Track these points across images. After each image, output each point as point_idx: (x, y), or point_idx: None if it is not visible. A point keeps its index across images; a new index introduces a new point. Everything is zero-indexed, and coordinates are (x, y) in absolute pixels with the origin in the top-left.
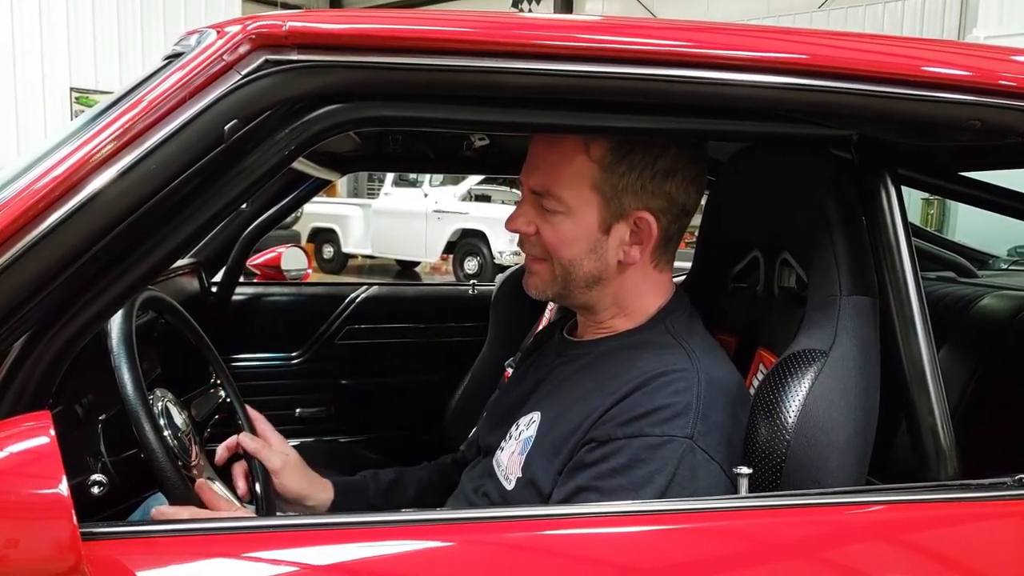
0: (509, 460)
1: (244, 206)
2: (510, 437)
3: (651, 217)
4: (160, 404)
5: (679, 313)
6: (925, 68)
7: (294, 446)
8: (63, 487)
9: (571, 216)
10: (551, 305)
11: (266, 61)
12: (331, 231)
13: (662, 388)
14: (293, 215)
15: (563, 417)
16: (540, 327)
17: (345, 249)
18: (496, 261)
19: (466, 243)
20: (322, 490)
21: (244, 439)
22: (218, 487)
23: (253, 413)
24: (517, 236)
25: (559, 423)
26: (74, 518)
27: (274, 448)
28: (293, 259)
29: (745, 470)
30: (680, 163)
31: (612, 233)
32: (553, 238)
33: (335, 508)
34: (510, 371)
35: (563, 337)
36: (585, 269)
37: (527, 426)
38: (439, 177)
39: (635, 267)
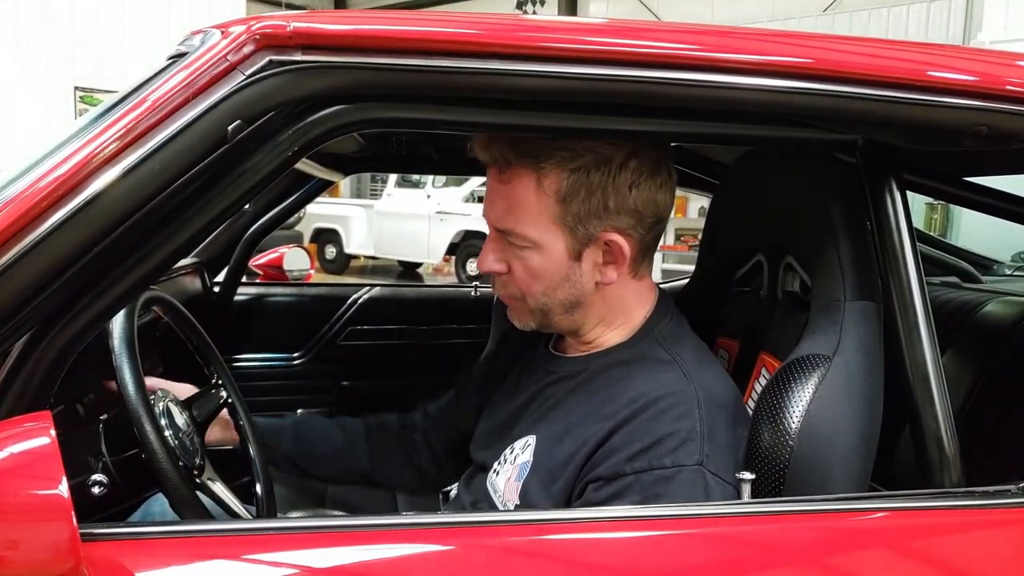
0: (506, 486)
1: (247, 206)
2: (504, 460)
3: (620, 237)
4: (161, 404)
5: (667, 320)
6: (931, 73)
7: None
8: (63, 488)
9: (539, 250)
10: None
11: (270, 62)
12: (334, 232)
13: (663, 415)
14: (296, 216)
15: (559, 443)
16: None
17: (347, 250)
18: None
19: (468, 245)
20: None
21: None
22: (219, 488)
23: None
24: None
25: (555, 449)
26: (74, 519)
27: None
28: (295, 260)
29: (748, 476)
30: (641, 175)
31: (584, 259)
32: (524, 274)
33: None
34: None
35: (548, 352)
36: (560, 298)
37: (522, 450)
38: (442, 178)
39: (616, 285)
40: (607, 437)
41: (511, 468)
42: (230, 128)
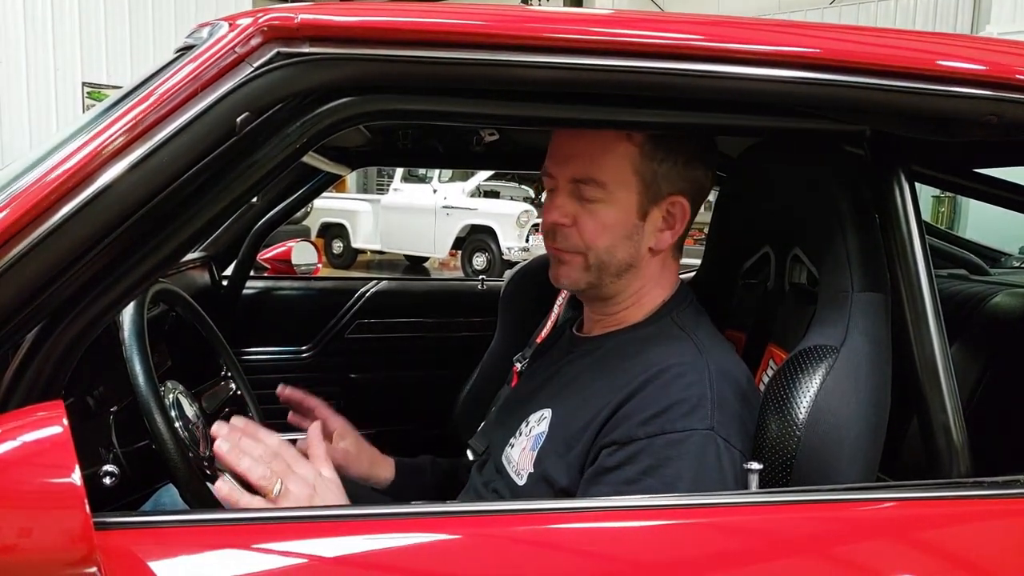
0: (520, 456)
1: (255, 200)
2: (520, 434)
3: (685, 201)
4: (171, 396)
5: (685, 306)
6: (940, 62)
7: (301, 439)
8: (76, 476)
9: (611, 203)
10: (560, 301)
11: (278, 54)
12: (341, 226)
13: (674, 381)
14: (303, 210)
15: (575, 413)
16: (549, 325)
17: (354, 244)
18: (504, 257)
19: (475, 239)
20: (384, 469)
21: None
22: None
23: (322, 411)
24: (526, 231)
25: (571, 419)
26: (87, 507)
27: (341, 436)
28: (303, 253)
29: (756, 466)
30: (700, 150)
31: (648, 219)
32: (593, 226)
33: (394, 488)
34: (518, 366)
35: (572, 334)
36: (619, 257)
37: (538, 422)
38: (448, 173)
39: (659, 255)
40: (621, 404)
41: (526, 439)
42: (238, 120)
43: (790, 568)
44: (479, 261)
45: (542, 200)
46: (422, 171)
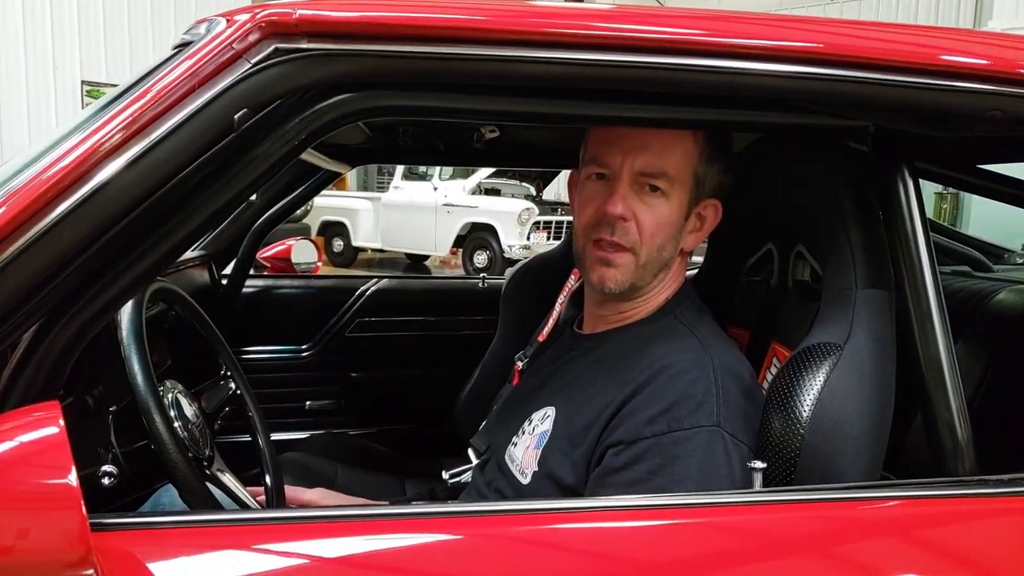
0: (524, 455)
1: (254, 198)
2: (523, 432)
3: (719, 204)
4: (170, 395)
5: (688, 303)
6: (943, 57)
7: (303, 438)
8: (72, 477)
9: (668, 200)
10: (561, 299)
11: (276, 49)
12: (341, 224)
13: (679, 377)
14: (303, 208)
15: (579, 411)
16: (550, 323)
17: (355, 243)
18: (506, 255)
19: (476, 237)
20: None
21: None
22: (228, 478)
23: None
24: (527, 229)
25: (575, 417)
26: (83, 509)
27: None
28: (303, 252)
29: (759, 464)
30: (731, 154)
31: (689, 219)
32: (652, 223)
33: None
34: (520, 364)
35: (573, 332)
36: (664, 256)
37: (541, 421)
38: (449, 170)
39: (682, 256)
40: (625, 401)
41: (529, 438)
42: (236, 117)
43: (794, 568)
44: (480, 259)
45: (543, 197)
46: (422, 169)
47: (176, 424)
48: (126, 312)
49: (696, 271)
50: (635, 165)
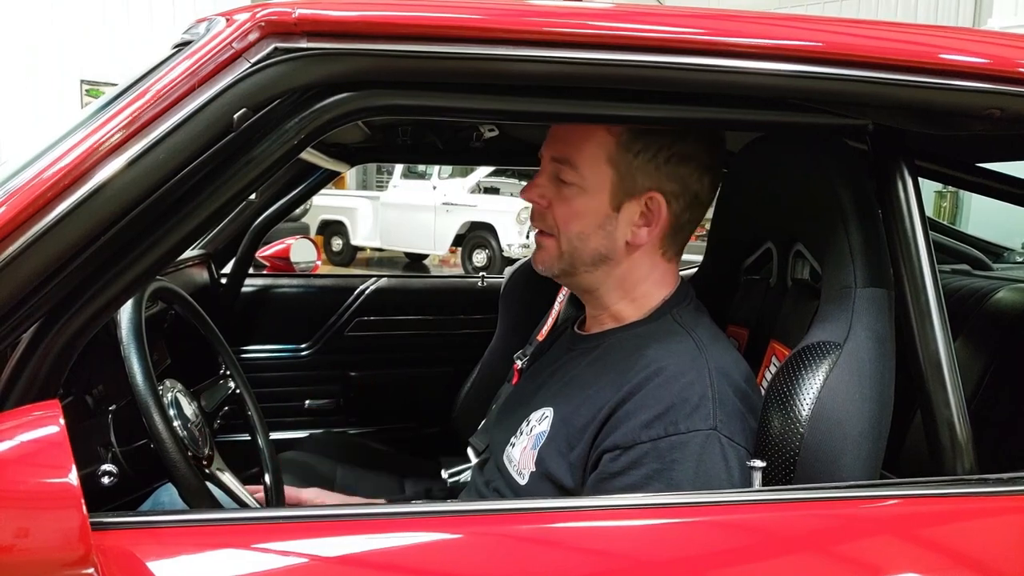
0: (522, 455)
1: (253, 197)
2: (521, 433)
3: (662, 199)
4: (170, 395)
5: (685, 304)
6: (942, 55)
7: (303, 438)
8: (72, 476)
9: (584, 190)
10: (560, 298)
11: (275, 49)
12: (340, 223)
13: (674, 380)
14: (302, 207)
15: (576, 412)
16: (550, 323)
17: (354, 242)
18: (505, 254)
19: (475, 236)
20: None
21: None
22: (227, 477)
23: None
24: (526, 228)
25: (572, 418)
26: (84, 508)
27: None
28: (302, 251)
29: (759, 463)
30: (696, 150)
31: (622, 211)
32: (564, 211)
33: None
34: (519, 363)
35: (573, 332)
36: (592, 246)
37: (539, 421)
38: (448, 169)
39: (642, 251)
40: (620, 404)
41: (527, 438)
42: (236, 116)
43: (794, 566)
44: (479, 258)
45: None
46: (421, 168)
47: (176, 423)
48: (125, 311)
49: (694, 270)
50: (549, 151)
